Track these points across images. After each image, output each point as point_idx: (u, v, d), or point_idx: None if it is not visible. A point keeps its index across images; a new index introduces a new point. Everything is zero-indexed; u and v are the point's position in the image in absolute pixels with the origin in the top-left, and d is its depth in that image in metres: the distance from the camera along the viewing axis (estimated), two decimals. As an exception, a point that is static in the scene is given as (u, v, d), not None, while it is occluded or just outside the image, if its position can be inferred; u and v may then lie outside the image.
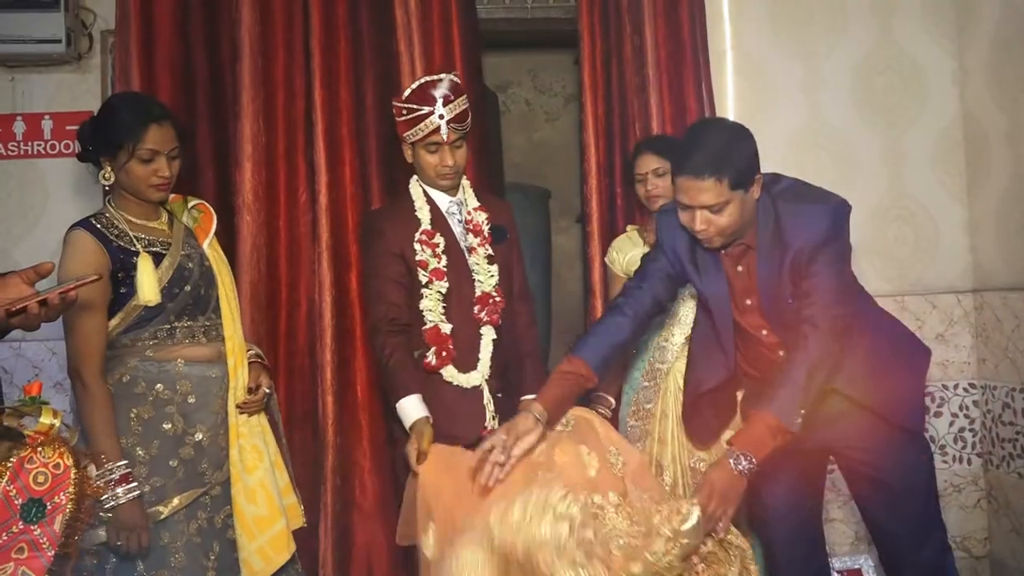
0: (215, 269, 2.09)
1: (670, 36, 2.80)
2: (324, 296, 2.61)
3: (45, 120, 2.90)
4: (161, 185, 1.99)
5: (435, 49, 2.70)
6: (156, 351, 1.98)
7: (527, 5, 3.10)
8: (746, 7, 3.03)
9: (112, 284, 1.93)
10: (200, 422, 2.00)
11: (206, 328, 2.05)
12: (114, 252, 1.93)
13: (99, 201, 2.88)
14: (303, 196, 2.67)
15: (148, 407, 1.95)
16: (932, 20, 3.03)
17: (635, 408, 2.40)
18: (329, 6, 2.67)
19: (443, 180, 2.27)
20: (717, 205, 1.83)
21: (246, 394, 2.06)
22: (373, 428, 2.60)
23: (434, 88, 2.20)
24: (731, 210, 1.85)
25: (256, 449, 2.05)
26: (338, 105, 2.66)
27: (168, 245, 2.03)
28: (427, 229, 2.24)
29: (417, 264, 2.22)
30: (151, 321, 1.97)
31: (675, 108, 2.79)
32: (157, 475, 1.94)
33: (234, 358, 2.06)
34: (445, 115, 2.19)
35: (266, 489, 2.04)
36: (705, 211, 1.85)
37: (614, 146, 2.82)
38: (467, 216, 2.32)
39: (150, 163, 1.96)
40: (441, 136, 2.21)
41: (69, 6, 2.78)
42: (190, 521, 1.97)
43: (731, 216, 1.86)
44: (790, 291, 1.92)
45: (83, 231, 1.94)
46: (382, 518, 2.58)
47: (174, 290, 1.98)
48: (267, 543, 2.02)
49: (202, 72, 2.67)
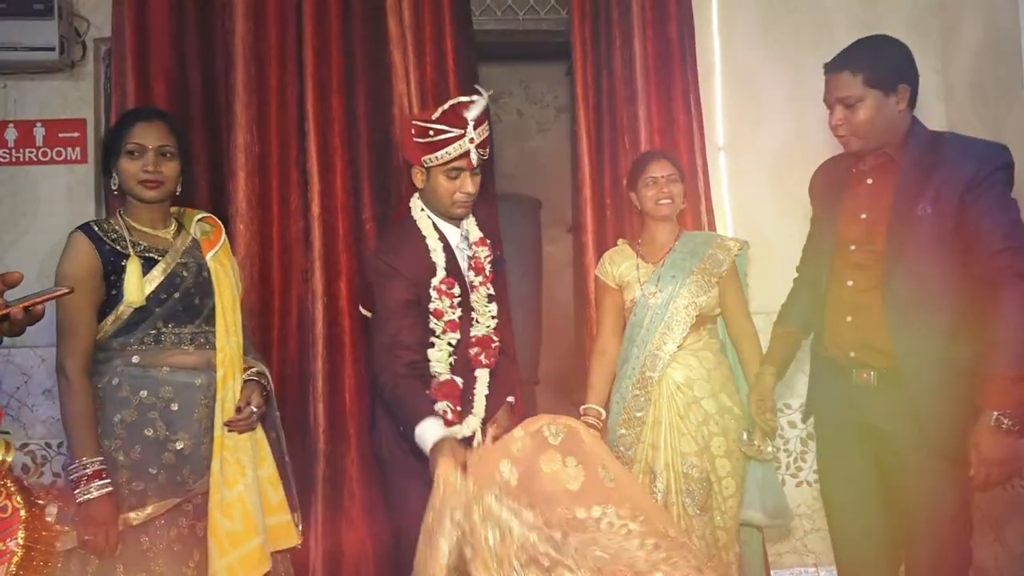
0: (215, 280, 2.09)
1: (659, 49, 2.84)
2: (316, 304, 2.62)
3: (37, 127, 2.90)
4: (149, 182, 2.02)
5: (427, 62, 2.72)
6: (143, 356, 1.99)
7: (519, 17, 3.13)
8: (734, 21, 3.07)
9: (105, 286, 1.97)
10: (182, 430, 2.00)
11: (194, 336, 2.04)
12: (105, 254, 1.97)
13: (91, 208, 2.89)
14: (295, 204, 2.68)
15: (132, 412, 1.97)
16: (917, 35, 3.08)
17: (625, 416, 2.42)
18: (322, 17, 2.69)
19: (458, 208, 2.16)
20: (851, 98, 1.95)
21: (234, 412, 2.04)
22: (361, 437, 2.60)
23: (466, 109, 2.08)
24: (867, 107, 1.94)
25: (239, 464, 2.02)
26: (330, 115, 2.68)
27: (166, 252, 2.05)
28: (446, 279, 2.13)
29: (432, 312, 2.12)
30: (139, 325, 1.99)
31: (663, 120, 2.82)
32: (138, 480, 1.95)
33: (224, 369, 2.04)
34: (476, 139, 2.08)
35: (244, 505, 2.00)
36: (840, 106, 1.96)
37: (604, 156, 2.85)
38: (471, 252, 2.24)
39: (138, 159, 2.01)
40: (470, 160, 2.09)
41: (63, 14, 2.78)
42: (170, 528, 1.97)
43: (866, 114, 1.95)
44: (929, 213, 1.91)
45: (80, 233, 2.00)
46: (370, 527, 2.58)
47: (162, 295, 2.00)
48: (237, 560, 1.98)
49: (196, 82, 2.69)
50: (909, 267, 1.94)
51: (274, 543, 2.10)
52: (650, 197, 2.48)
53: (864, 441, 2.08)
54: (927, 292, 1.94)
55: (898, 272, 1.95)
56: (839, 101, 1.97)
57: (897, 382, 1.97)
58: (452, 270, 2.18)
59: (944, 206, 1.91)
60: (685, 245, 2.49)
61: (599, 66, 2.86)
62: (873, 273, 1.99)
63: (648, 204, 2.49)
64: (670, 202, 2.46)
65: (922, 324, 1.94)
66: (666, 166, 2.48)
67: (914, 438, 1.96)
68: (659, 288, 2.42)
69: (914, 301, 1.94)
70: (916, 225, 1.93)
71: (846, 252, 2.06)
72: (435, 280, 2.13)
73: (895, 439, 2.00)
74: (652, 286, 2.43)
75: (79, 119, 2.91)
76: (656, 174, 2.47)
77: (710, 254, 2.46)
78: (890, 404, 1.99)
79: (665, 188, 2.46)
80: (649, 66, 2.83)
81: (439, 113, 2.11)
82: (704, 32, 2.99)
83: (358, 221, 2.70)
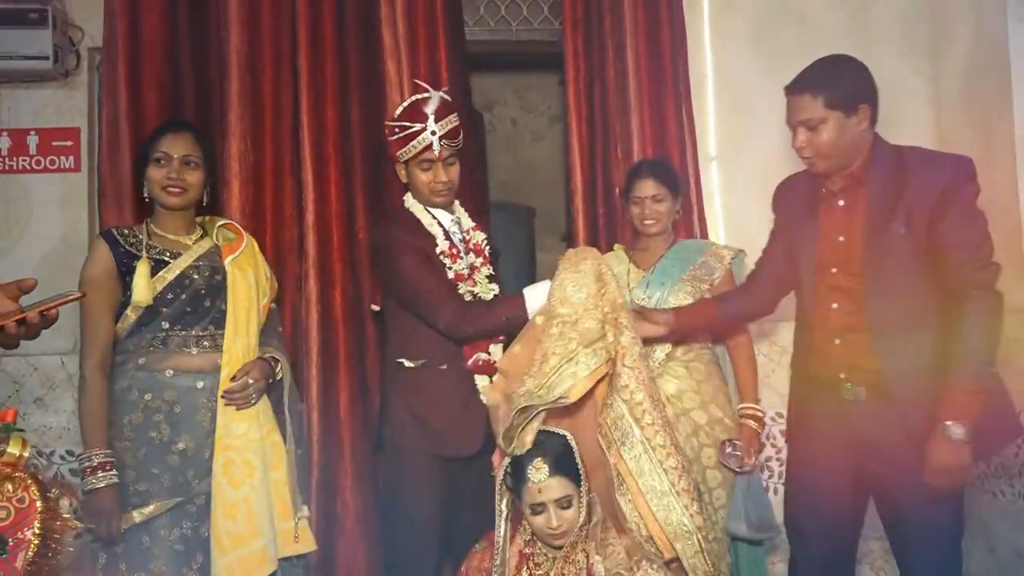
0: (231, 284, 2.15)
1: (652, 59, 2.85)
2: (311, 313, 2.62)
3: (31, 136, 2.91)
4: (173, 188, 2.12)
5: (421, 72, 2.72)
6: (148, 359, 2.06)
7: (512, 27, 3.15)
8: (727, 32, 3.09)
9: (121, 288, 2.07)
10: (185, 431, 2.04)
11: (199, 338, 2.09)
12: (120, 257, 2.08)
13: (84, 217, 2.90)
14: (289, 213, 2.68)
15: (139, 415, 2.04)
16: (908, 45, 3.10)
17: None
18: (316, 26, 2.70)
19: (438, 197, 2.29)
20: (812, 120, 1.95)
21: (230, 382, 2.06)
22: (355, 446, 2.60)
23: (425, 105, 2.24)
24: (829, 129, 1.95)
25: (247, 464, 2.05)
26: (324, 124, 2.68)
27: (179, 256, 2.13)
28: (450, 246, 2.27)
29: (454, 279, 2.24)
30: (148, 326, 2.07)
31: (655, 130, 2.83)
32: (142, 480, 2.01)
33: (229, 369, 2.08)
34: (437, 131, 2.22)
35: (250, 507, 2.03)
36: (803, 129, 1.97)
37: (597, 166, 2.86)
38: (466, 236, 2.34)
39: (163, 167, 2.12)
40: (434, 152, 2.23)
41: (57, 23, 2.79)
42: (173, 528, 2.01)
43: (829, 135, 1.95)
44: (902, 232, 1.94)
45: (100, 238, 2.13)
46: (364, 537, 2.58)
47: (168, 295, 2.07)
48: (237, 561, 2.00)
49: (190, 90, 2.69)
50: (889, 287, 1.97)
51: (294, 548, 2.13)
52: (636, 215, 2.50)
53: (850, 456, 2.08)
54: (910, 310, 1.96)
55: (879, 293, 1.97)
56: (801, 123, 1.98)
57: (887, 395, 1.99)
58: (452, 243, 2.29)
59: (916, 224, 1.94)
60: (677, 253, 2.50)
61: (592, 76, 2.88)
62: (857, 295, 2.01)
63: (635, 222, 2.51)
64: (654, 222, 2.47)
65: (907, 342, 1.96)
66: (651, 186, 2.46)
67: (906, 450, 1.96)
68: (647, 294, 2.42)
69: (898, 320, 1.97)
70: (891, 245, 1.96)
71: (828, 275, 2.07)
72: (439, 248, 2.25)
73: (886, 451, 2.01)
74: (641, 292, 2.43)
75: (73, 128, 2.92)
76: (641, 194, 2.47)
77: (702, 262, 2.46)
78: (881, 417, 2.00)
79: (649, 209, 2.47)
80: (642, 76, 2.84)
81: (400, 111, 2.27)
82: (696, 43, 3.01)
83: (352, 231, 2.71)
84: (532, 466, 1.95)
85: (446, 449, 2.20)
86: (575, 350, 2.02)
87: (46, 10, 2.76)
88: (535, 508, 1.95)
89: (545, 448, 1.98)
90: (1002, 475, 2.75)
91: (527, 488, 1.96)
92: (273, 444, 2.13)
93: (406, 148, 2.24)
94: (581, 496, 1.97)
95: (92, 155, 2.90)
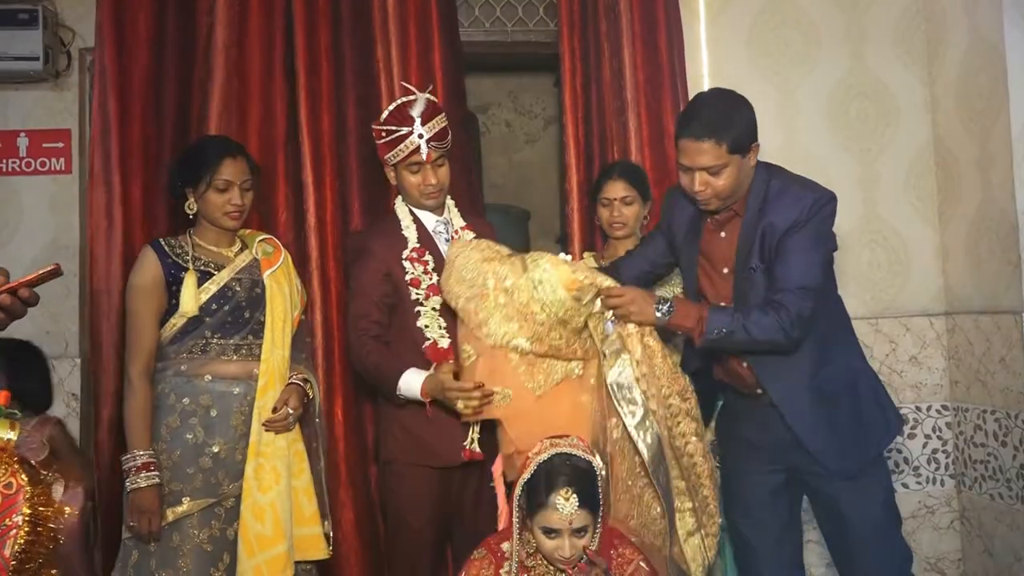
0: (269, 297, 2.24)
1: (648, 60, 2.84)
2: (315, 315, 2.58)
3: (21, 137, 2.88)
4: (233, 213, 2.20)
5: (414, 75, 2.68)
6: (189, 365, 2.16)
7: (507, 28, 3.13)
8: (723, 34, 3.08)
9: (167, 296, 2.16)
10: (219, 435, 2.14)
11: (238, 347, 2.19)
12: (167, 267, 2.16)
13: (75, 220, 2.86)
14: (283, 216, 2.64)
15: (176, 418, 2.14)
16: (903, 48, 3.10)
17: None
18: (312, 30, 2.66)
19: (427, 199, 2.29)
20: (715, 167, 1.94)
21: (271, 413, 2.17)
22: (350, 452, 2.56)
23: (411, 108, 2.23)
24: (729, 173, 1.95)
25: (275, 471, 2.15)
26: (320, 127, 2.65)
27: (222, 268, 2.22)
28: (416, 247, 2.25)
29: (409, 283, 2.22)
30: (190, 334, 2.16)
31: (652, 131, 2.82)
32: (176, 481, 2.11)
33: (266, 379, 2.18)
34: (424, 134, 2.21)
35: (275, 511, 2.13)
36: (704, 173, 1.95)
37: (593, 167, 2.85)
38: (454, 235, 2.32)
39: (225, 192, 2.18)
40: (421, 155, 2.22)
41: (47, 24, 2.77)
42: (202, 528, 2.11)
43: (728, 179, 1.95)
44: (761, 266, 1.99)
45: (149, 247, 2.21)
46: (359, 545, 2.54)
47: (212, 306, 2.16)
48: (264, 562, 2.10)
49: (173, 93, 2.62)
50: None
51: (304, 553, 2.21)
52: (603, 218, 2.48)
53: (782, 458, 2.11)
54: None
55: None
56: (703, 169, 1.95)
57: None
58: (427, 246, 2.27)
59: (767, 255, 1.99)
60: None
61: (588, 77, 2.86)
62: None
63: (603, 224, 2.49)
64: (622, 226, 2.45)
65: (785, 364, 2.02)
66: (621, 187, 2.44)
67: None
68: None
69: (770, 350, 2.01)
70: (751, 279, 2.01)
71: (707, 301, 2.10)
72: (405, 252, 2.24)
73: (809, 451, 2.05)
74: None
75: (63, 129, 2.89)
76: (611, 196, 2.46)
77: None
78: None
79: (618, 211, 2.45)
80: (638, 77, 2.83)
81: (386, 114, 2.27)
82: (692, 45, 2.99)
83: (347, 234, 2.67)
84: (560, 494, 1.86)
85: (436, 459, 2.18)
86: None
87: (36, 11, 2.74)
88: (549, 532, 1.89)
89: (572, 476, 1.89)
90: (999, 478, 2.75)
91: (546, 514, 1.88)
92: (296, 453, 2.23)
93: (394, 152, 2.24)
94: (597, 526, 1.92)
95: (83, 157, 2.86)
